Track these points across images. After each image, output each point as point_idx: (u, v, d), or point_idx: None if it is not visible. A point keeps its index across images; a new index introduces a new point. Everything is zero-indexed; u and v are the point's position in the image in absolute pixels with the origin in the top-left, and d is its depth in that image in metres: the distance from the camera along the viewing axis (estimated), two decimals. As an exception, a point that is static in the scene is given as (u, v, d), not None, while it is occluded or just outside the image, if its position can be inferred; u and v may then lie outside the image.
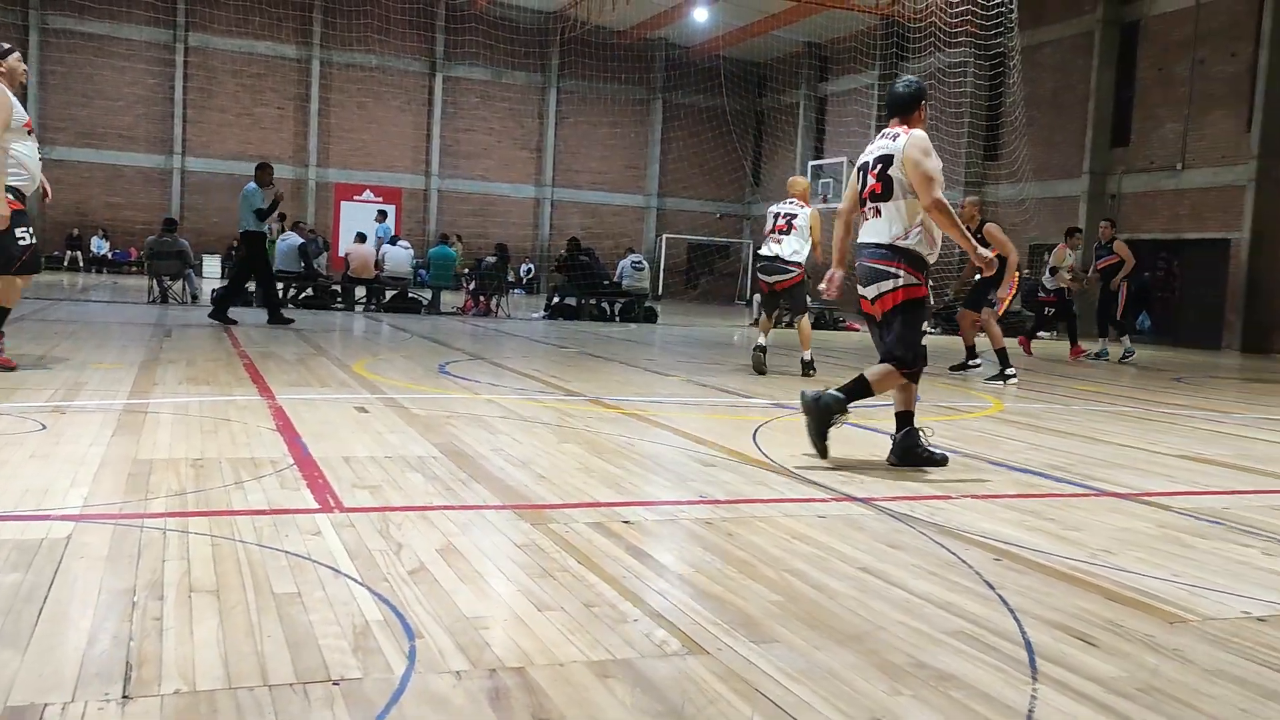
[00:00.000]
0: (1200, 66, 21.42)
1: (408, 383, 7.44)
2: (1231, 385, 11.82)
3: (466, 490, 3.96)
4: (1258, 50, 20.16)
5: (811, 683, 2.24)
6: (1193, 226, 21.21)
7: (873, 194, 4.99)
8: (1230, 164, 20.72)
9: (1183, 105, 21.69)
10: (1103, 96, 23.39)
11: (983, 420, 7.16)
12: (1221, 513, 4.31)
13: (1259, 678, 2.40)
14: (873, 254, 4.98)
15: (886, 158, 4.94)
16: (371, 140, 33.48)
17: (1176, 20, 22.01)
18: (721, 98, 34.26)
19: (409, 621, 2.47)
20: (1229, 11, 20.96)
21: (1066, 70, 24.47)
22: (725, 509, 3.91)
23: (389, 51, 32.82)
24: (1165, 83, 22.26)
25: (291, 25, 32.16)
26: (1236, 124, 20.72)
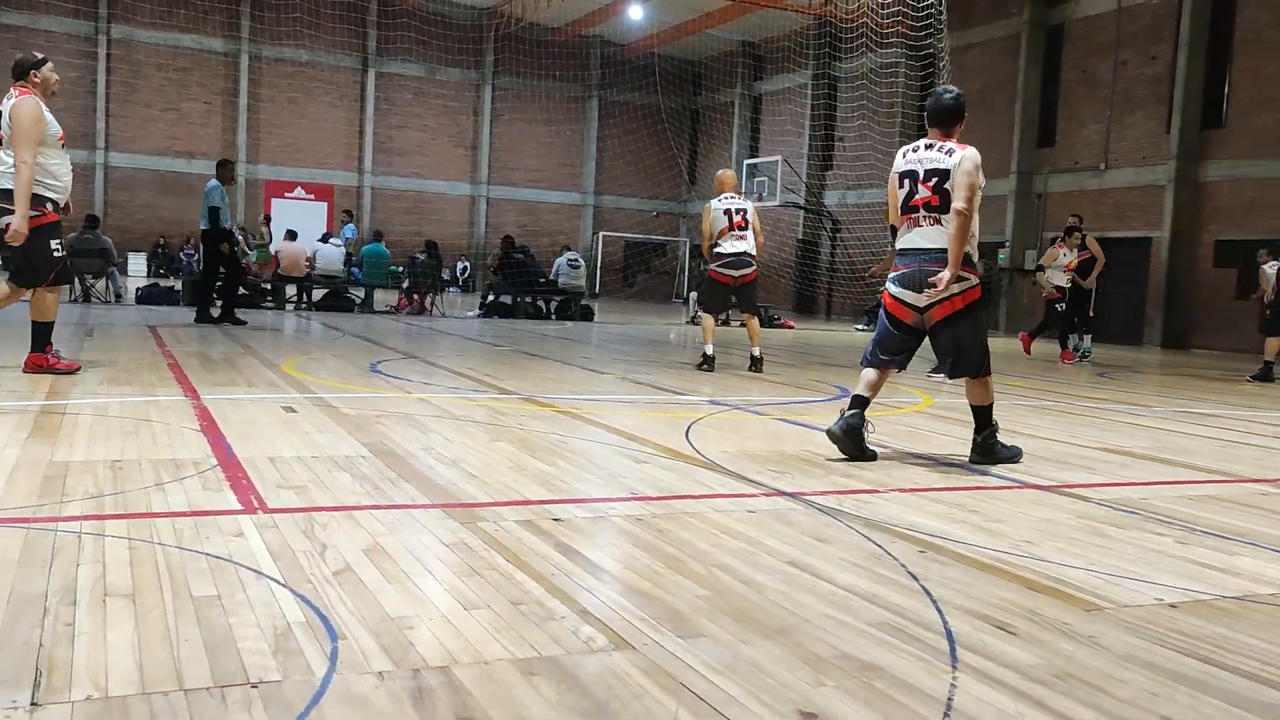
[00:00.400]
0: (1122, 69, 21.98)
1: (338, 382, 7.35)
2: (1152, 380, 12.14)
3: (395, 489, 3.92)
4: (1176, 53, 20.73)
5: (737, 676, 2.25)
6: (1116, 225, 21.74)
7: (928, 205, 5.10)
8: (1151, 164, 21.28)
9: (1105, 106, 22.23)
10: (1029, 97, 23.88)
11: (912, 415, 7.27)
12: (1138, 503, 4.42)
13: (1169, 662, 2.47)
14: (938, 259, 5.04)
15: (943, 172, 5.05)
16: (303, 136, 33.00)
17: (1099, 23, 22.54)
18: (657, 96, 34.35)
19: (332, 623, 2.43)
20: (1150, 15, 21.53)
21: (994, 71, 24.93)
22: (656, 506, 3.92)
23: (320, 46, 32.36)
24: (1089, 84, 22.79)
25: (218, 18, 31.56)
26: (1157, 125, 21.29)
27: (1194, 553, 3.59)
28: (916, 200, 5.14)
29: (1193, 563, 3.45)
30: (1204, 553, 3.59)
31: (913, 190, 5.15)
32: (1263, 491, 4.89)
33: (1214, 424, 7.60)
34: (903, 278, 5.17)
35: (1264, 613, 2.92)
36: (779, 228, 31.87)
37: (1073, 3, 23.21)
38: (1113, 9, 22.09)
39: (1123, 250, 21.69)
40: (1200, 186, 20.60)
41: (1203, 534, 3.88)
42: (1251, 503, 4.58)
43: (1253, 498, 4.71)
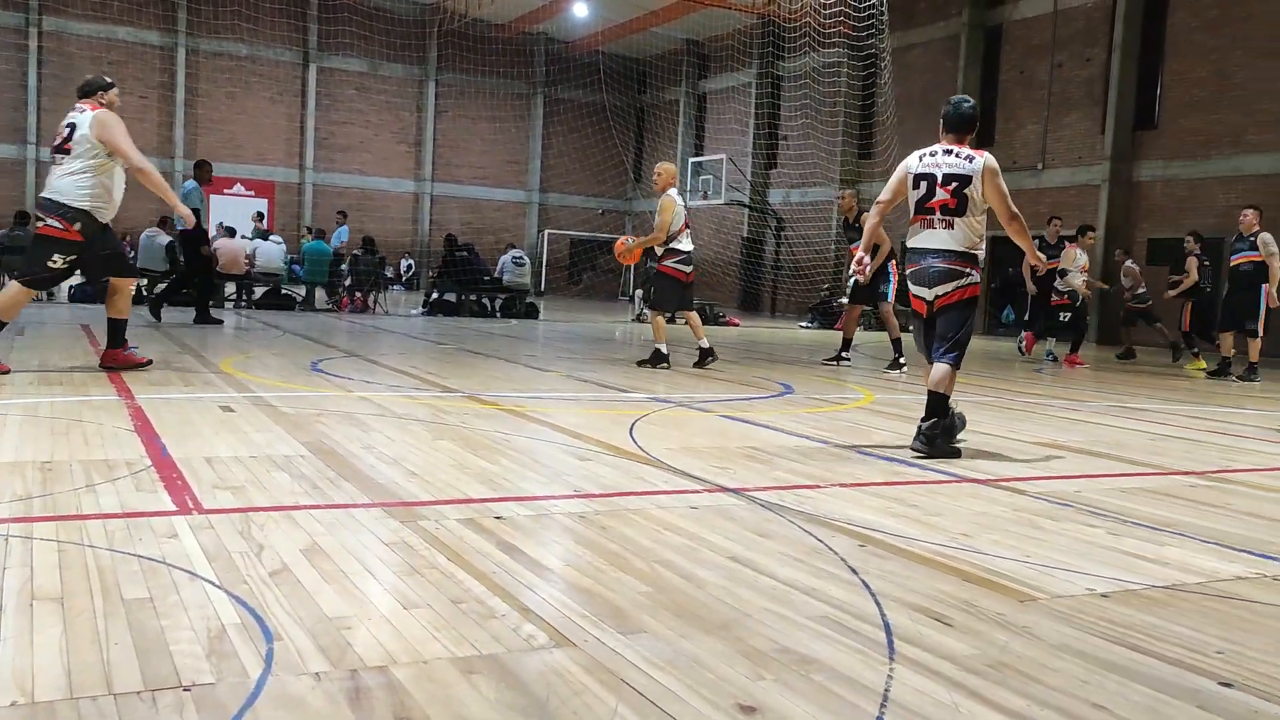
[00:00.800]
0: (1058, 70, 22.39)
1: (277, 381, 7.24)
2: (1087, 375, 12.38)
3: (334, 489, 3.87)
4: (1110, 56, 21.17)
5: (677, 671, 2.26)
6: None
7: (944, 207, 5.37)
8: (1086, 165, 21.71)
9: (1042, 107, 22.63)
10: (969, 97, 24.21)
11: (854, 411, 7.34)
12: (1072, 496, 4.51)
13: (1099, 650, 2.52)
14: (947, 258, 5.38)
15: (963, 178, 5.35)
16: (242, 132, 32.47)
17: (1036, 25, 22.95)
18: (602, 94, 34.32)
19: (268, 624, 2.40)
20: (1084, 18, 21.96)
21: (935, 72, 25.26)
22: (599, 503, 3.92)
23: (259, 40, 31.85)
24: (1026, 85, 23.19)
25: (154, 11, 30.94)
26: (1091, 126, 21.72)
27: (1125, 544, 3.67)
28: (934, 203, 5.40)
29: (1123, 553, 3.52)
30: (1134, 543, 3.67)
31: (930, 192, 5.41)
32: (1191, 484, 5.01)
33: (1146, 418, 7.78)
34: (915, 275, 5.49)
35: (1191, 601, 3.00)
36: (724, 226, 32.04)
37: (1010, 5, 23.60)
38: (1049, 11, 22.50)
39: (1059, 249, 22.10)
40: (1134, 186, 21.05)
41: (1133, 525, 3.97)
42: (1181, 494, 4.69)
43: (1182, 490, 4.83)
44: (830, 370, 10.85)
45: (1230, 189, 19.15)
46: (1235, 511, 4.35)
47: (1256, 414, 8.55)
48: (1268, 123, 18.63)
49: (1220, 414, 8.32)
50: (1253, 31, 18.86)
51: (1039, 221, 22.30)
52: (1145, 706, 2.19)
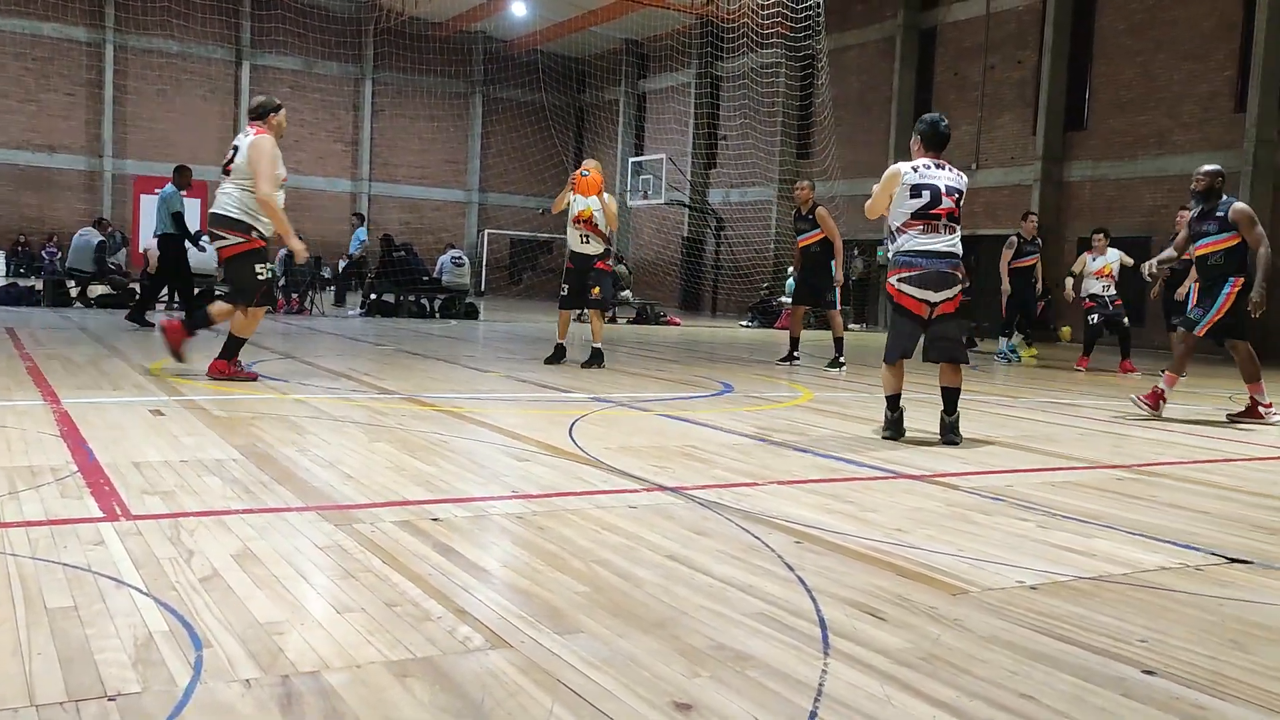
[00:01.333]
0: (990, 72, 22.79)
1: (210, 384, 7.11)
2: (1020, 372, 12.61)
3: (267, 493, 3.82)
4: (1041, 58, 21.59)
5: (613, 670, 2.26)
6: (988, 223, 22.52)
7: (951, 215, 5.92)
8: (1019, 165, 22.12)
9: (976, 108, 23.02)
10: (904, 98, 24.56)
11: (793, 409, 7.41)
12: (1004, 490, 4.60)
13: (1027, 641, 2.57)
14: (952, 263, 5.89)
15: (960, 191, 5.98)
16: (174, 130, 31.80)
17: (969, 28, 23.33)
18: (541, 93, 34.22)
19: (197, 631, 2.36)
20: (1015, 21, 22.37)
21: (871, 73, 25.58)
22: (537, 503, 3.90)
23: (190, 37, 31.25)
24: (960, 87, 23.57)
25: (81, 6, 30.23)
26: (1023, 127, 22.14)
27: (1054, 536, 3.74)
28: (940, 210, 5.88)
29: (1053, 546, 3.60)
30: (1063, 536, 3.75)
31: (934, 201, 5.87)
32: (1119, 477, 5.13)
33: (1077, 413, 7.94)
34: (923, 278, 5.84)
35: (1116, 591, 3.07)
36: (664, 226, 32.13)
37: (944, 7, 23.96)
38: (981, 14, 22.89)
39: (994, 247, 22.49)
40: (1064, 186, 21.49)
41: (1063, 518, 4.05)
42: (1109, 488, 4.80)
43: (1110, 483, 4.94)
44: (770, 369, 10.93)
45: (1156, 189, 19.65)
46: (1160, 503, 4.46)
47: (1182, 408, 8.76)
48: (1191, 124, 19.14)
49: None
50: (1177, 35, 19.37)
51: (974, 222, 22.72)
52: (1070, 695, 2.24)
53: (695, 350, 13.91)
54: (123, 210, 30.46)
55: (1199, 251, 7.77)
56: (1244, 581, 3.25)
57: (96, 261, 16.03)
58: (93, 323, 12.49)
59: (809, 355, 12.32)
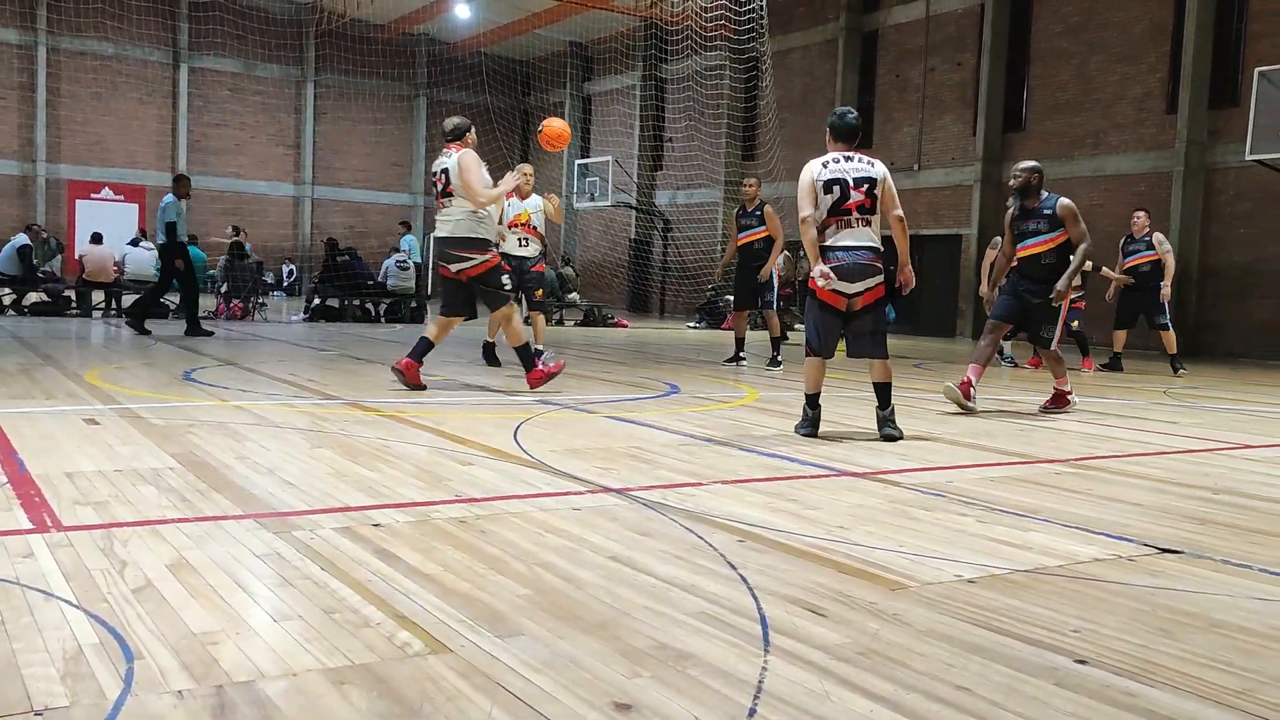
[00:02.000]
0: (931, 74, 23.09)
1: (147, 392, 6.99)
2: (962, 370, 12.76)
3: (204, 501, 3.75)
4: (980, 61, 21.93)
5: (553, 672, 2.26)
6: (930, 223, 22.83)
7: (861, 207, 5.95)
8: (960, 165, 22.44)
9: (917, 110, 23.31)
10: (847, 100, 24.78)
11: (738, 409, 7.44)
12: (944, 486, 4.66)
13: (964, 634, 2.61)
14: (868, 255, 5.94)
15: (870, 180, 5.98)
16: (110, 134, 31.21)
17: (910, 30, 23.62)
18: (486, 96, 34.06)
19: (128, 643, 2.31)
20: (955, 24, 22.70)
21: (814, 75, 25.80)
22: (480, 507, 3.88)
23: (126, 39, 30.64)
24: (902, 89, 23.85)
25: (12, 7, 29.53)
26: (964, 129, 22.47)
27: (993, 530, 3.80)
28: (850, 204, 5.94)
29: (991, 540, 3.65)
30: (1002, 530, 3.81)
31: (844, 195, 5.94)
32: (1056, 471, 5.22)
33: (1016, 409, 8.07)
34: (837, 270, 5.89)
35: (1051, 584, 3.12)
36: (611, 227, 32.14)
37: (885, 10, 24.24)
38: (921, 17, 23.19)
39: (936, 247, 22.83)
40: (1004, 186, 21.80)
41: (1001, 513, 4.12)
42: (1046, 481, 4.89)
43: (1047, 477, 5.03)
44: (717, 369, 10.97)
45: (1093, 188, 20.02)
46: (1095, 496, 4.55)
47: (1118, 403, 8.95)
48: (1125, 125, 19.54)
49: (1085, 403, 8.67)
50: (1110, 38, 19.77)
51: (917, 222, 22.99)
52: (1005, 686, 2.27)
53: (643, 352, 13.93)
54: (57, 216, 29.83)
55: (1028, 251, 7.56)
56: (1174, 571, 3.33)
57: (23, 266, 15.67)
58: (26, 331, 12.21)
59: (755, 355, 12.39)
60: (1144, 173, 19.15)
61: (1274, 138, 14.69)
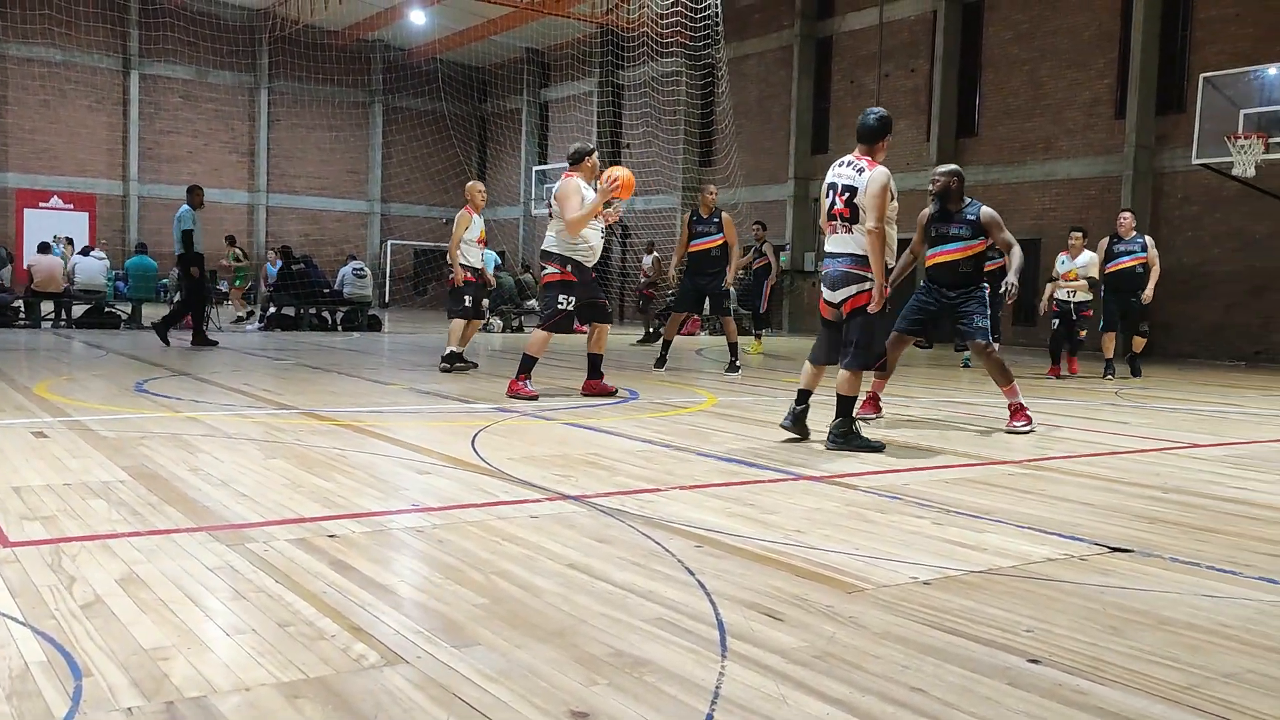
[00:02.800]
0: (886, 80, 23.31)
1: (98, 404, 6.88)
2: (919, 373, 12.90)
3: (156, 514, 3.70)
4: (933, 67, 22.17)
5: (510, 682, 2.25)
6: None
7: (841, 216, 5.86)
8: (914, 170, 22.64)
9: (872, 116, 23.50)
10: (803, 106, 24.97)
11: (696, 415, 7.46)
12: (900, 489, 4.70)
13: (919, 636, 2.63)
14: (848, 262, 5.83)
15: (852, 189, 5.81)
16: (60, 143, 30.65)
17: (863, 37, 23.83)
18: (443, 102, 33.90)
19: (76, 660, 2.28)
20: (908, 31, 22.93)
21: (770, 81, 25.94)
22: (438, 516, 3.86)
23: (75, 46, 30.12)
24: (856, 94, 24.04)
25: (-44, 14, 28.95)
26: (918, 134, 22.69)
27: (947, 532, 3.84)
28: (835, 210, 5.91)
29: (946, 541, 3.69)
30: (956, 532, 3.85)
31: (832, 201, 5.92)
32: (1010, 472, 5.29)
33: (971, 412, 8.16)
34: (823, 278, 5.98)
35: (1005, 584, 3.16)
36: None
37: (839, 17, 24.44)
38: (875, 24, 23.41)
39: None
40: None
41: (956, 514, 4.16)
42: (1000, 483, 4.95)
43: (1002, 478, 5.09)
44: (677, 374, 10.99)
45: (1045, 192, 20.31)
46: (1048, 497, 4.61)
47: (1070, 404, 9.07)
48: (1075, 130, 19.83)
49: (1037, 405, 8.79)
50: (1060, 45, 20.07)
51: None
52: (959, 686, 2.30)
53: (601, 358, 13.88)
54: (5, 225, 29.29)
55: (947, 257, 7.28)
56: (1125, 570, 3.38)
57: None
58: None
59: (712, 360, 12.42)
60: (1094, 177, 19.45)
61: (1218, 142, 14.98)
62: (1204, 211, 17.86)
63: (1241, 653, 2.59)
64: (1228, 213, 17.47)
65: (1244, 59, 16.34)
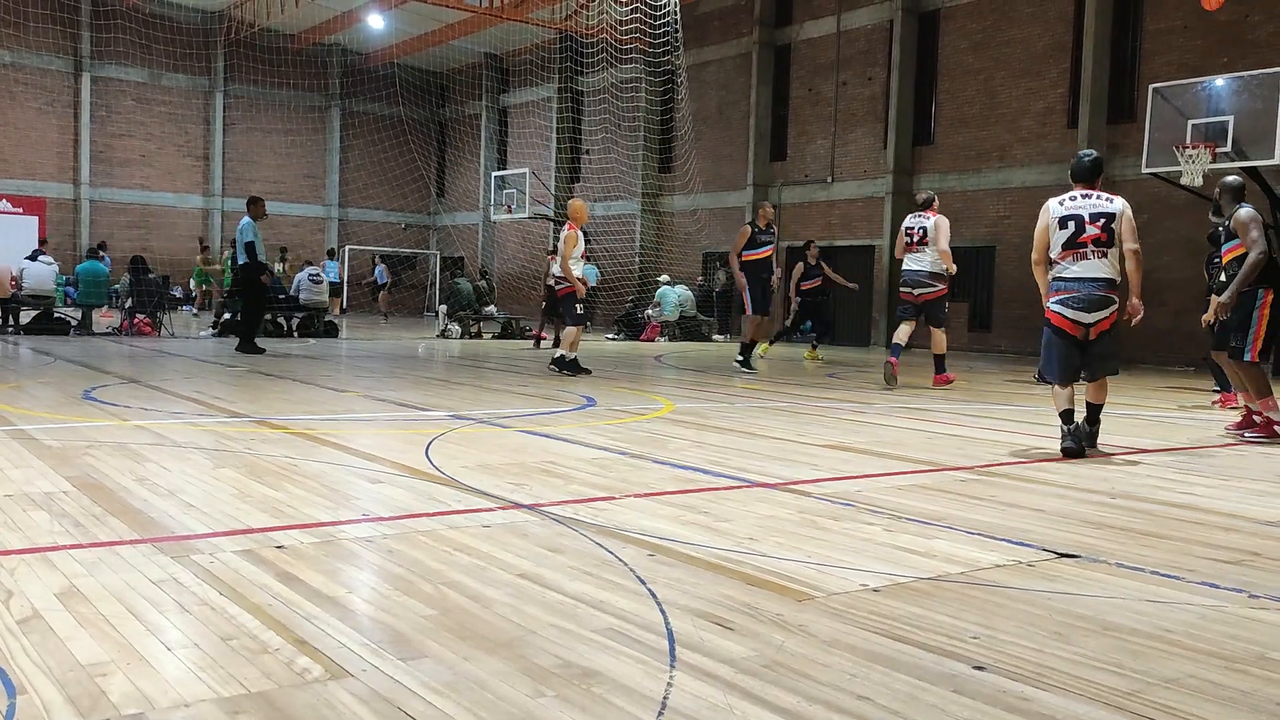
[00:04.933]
0: (843, 88, 23.49)
1: (44, 412, 6.75)
2: (876, 379, 12.99)
3: (99, 526, 3.64)
4: (889, 76, 22.37)
5: (456, 695, 2.23)
6: (844, 234, 23.19)
7: (1097, 240, 6.30)
8: (871, 177, 22.84)
9: (830, 123, 23.68)
10: (762, 114, 25.10)
11: (653, 421, 7.46)
12: (854, 495, 4.72)
13: (867, 644, 2.65)
14: (1105, 286, 6.30)
15: (1109, 215, 6.33)
16: (9, 145, 30.10)
17: (821, 45, 24.00)
18: (400, 106, 33.71)
19: (10, 677, 2.23)
20: (864, 39, 23.13)
21: (729, 88, 26.05)
22: (388, 526, 3.83)
23: (25, 47, 29.61)
24: (815, 102, 24.21)
25: (-99, 13, 28.37)
26: (875, 142, 22.88)
27: (899, 539, 3.86)
28: (1085, 238, 6.31)
29: (896, 548, 3.71)
30: (907, 538, 3.88)
31: (1079, 230, 6.32)
32: (962, 478, 5.34)
33: (925, 418, 8.23)
34: (1074, 300, 6.33)
35: (953, 590, 3.18)
36: (529, 240, 31.99)
37: (797, 25, 24.60)
38: (833, 33, 23.59)
39: (850, 258, 23.17)
40: (913, 198, 22.28)
41: (907, 521, 4.19)
42: (952, 489, 4.99)
43: (953, 484, 5.13)
44: (635, 381, 10.99)
45: (1000, 200, 20.56)
46: (998, 503, 4.66)
47: (1019, 409, 9.18)
48: (1029, 139, 20.10)
49: (990, 410, 8.88)
50: (1013, 54, 20.34)
51: (831, 232, 23.37)
52: (905, 694, 2.31)
53: (560, 364, 13.85)
54: (-49, 229, 28.66)
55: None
56: (1071, 575, 3.42)
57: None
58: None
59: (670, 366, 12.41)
60: (1048, 185, 19.68)
61: (1168, 151, 15.23)
62: (1153, 220, 18.15)
63: (1184, 658, 2.62)
64: (1177, 221, 17.79)
65: (1192, 70, 16.65)
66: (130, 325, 16.72)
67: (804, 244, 17.30)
